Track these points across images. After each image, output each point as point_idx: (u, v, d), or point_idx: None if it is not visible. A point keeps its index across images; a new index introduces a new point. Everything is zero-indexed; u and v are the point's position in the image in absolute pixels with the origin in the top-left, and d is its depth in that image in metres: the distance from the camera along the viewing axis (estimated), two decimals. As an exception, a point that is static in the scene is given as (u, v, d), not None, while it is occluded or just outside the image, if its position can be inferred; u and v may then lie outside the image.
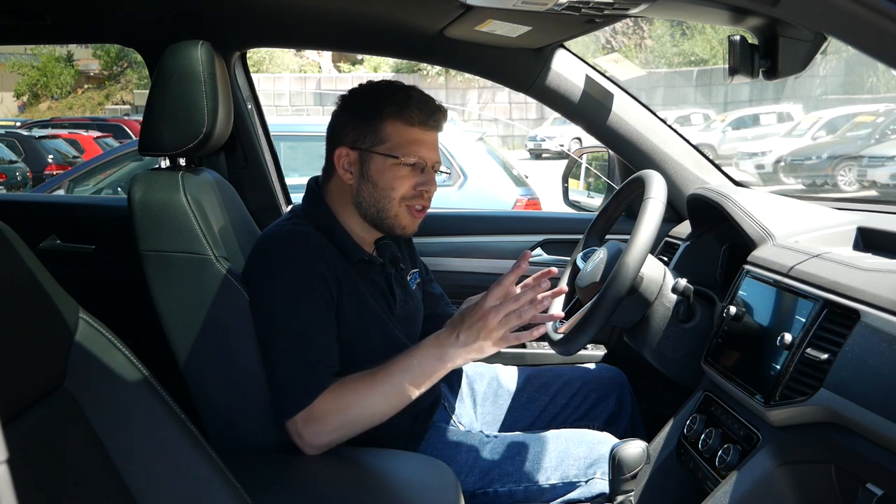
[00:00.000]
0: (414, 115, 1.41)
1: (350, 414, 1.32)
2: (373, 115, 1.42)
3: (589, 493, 1.44)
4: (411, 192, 1.43)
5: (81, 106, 29.47)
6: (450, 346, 1.30)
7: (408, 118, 1.41)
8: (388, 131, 1.41)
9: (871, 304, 1.08)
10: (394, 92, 1.43)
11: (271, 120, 2.34)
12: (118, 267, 1.95)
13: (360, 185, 1.44)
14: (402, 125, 1.41)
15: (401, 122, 1.41)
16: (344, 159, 1.44)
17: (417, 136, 1.42)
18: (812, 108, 17.59)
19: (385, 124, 1.41)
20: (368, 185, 1.43)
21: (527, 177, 5.40)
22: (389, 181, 1.42)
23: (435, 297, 1.70)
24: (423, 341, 1.35)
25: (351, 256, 1.43)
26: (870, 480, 1.03)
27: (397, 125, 1.41)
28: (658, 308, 1.55)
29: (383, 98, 1.43)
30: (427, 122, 1.42)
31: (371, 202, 1.44)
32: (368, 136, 1.42)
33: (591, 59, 1.95)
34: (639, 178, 1.59)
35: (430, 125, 1.43)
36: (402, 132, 1.41)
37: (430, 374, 1.32)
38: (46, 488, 0.85)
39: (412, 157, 1.41)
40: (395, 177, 1.41)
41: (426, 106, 1.42)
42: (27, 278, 0.90)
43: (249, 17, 1.94)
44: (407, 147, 1.41)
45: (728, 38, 1.15)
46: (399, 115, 1.41)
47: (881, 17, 0.75)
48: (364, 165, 1.43)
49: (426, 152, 1.43)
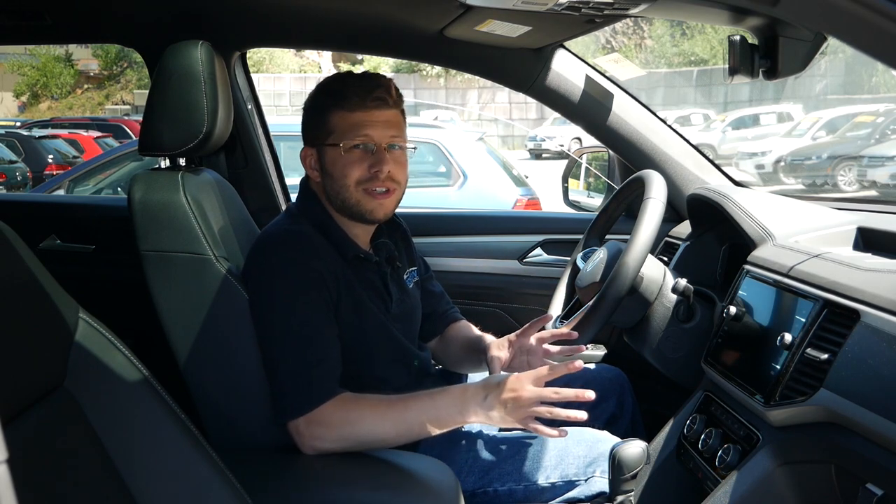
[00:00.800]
0: (350, 99, 1.42)
1: (355, 430, 1.32)
2: (318, 111, 1.46)
3: (588, 492, 1.44)
4: (366, 174, 1.43)
5: (81, 106, 29.47)
6: (475, 403, 1.29)
7: (345, 104, 1.43)
8: (332, 123, 1.43)
9: (871, 304, 1.08)
10: (331, 83, 1.46)
11: (271, 120, 2.34)
12: (118, 267, 1.95)
13: (324, 181, 1.47)
14: (343, 112, 1.43)
15: (340, 110, 1.43)
16: (309, 159, 1.48)
17: (359, 118, 1.42)
18: (812, 108, 17.59)
19: (329, 116, 1.44)
20: (329, 178, 1.45)
21: (527, 177, 5.40)
22: (341, 169, 1.43)
23: (435, 295, 1.70)
24: (449, 388, 1.35)
25: (346, 253, 1.44)
26: (870, 480, 1.03)
27: (338, 114, 1.43)
28: (658, 308, 1.55)
29: (323, 92, 1.46)
30: (366, 102, 1.42)
31: (334, 194, 1.45)
32: (318, 131, 1.45)
33: (591, 59, 1.95)
34: (639, 178, 1.59)
35: (371, 105, 1.43)
36: (344, 119, 1.43)
37: (444, 421, 1.32)
38: (46, 488, 0.85)
39: (354, 140, 1.42)
40: (345, 164, 1.43)
41: (360, 87, 1.43)
42: (27, 278, 0.90)
43: (249, 17, 1.94)
44: (349, 132, 1.42)
45: (728, 38, 1.15)
46: (337, 104, 1.43)
47: (881, 17, 0.75)
48: (321, 160, 1.46)
49: (372, 131, 1.43)
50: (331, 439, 1.32)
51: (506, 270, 2.14)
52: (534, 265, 2.14)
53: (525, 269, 2.13)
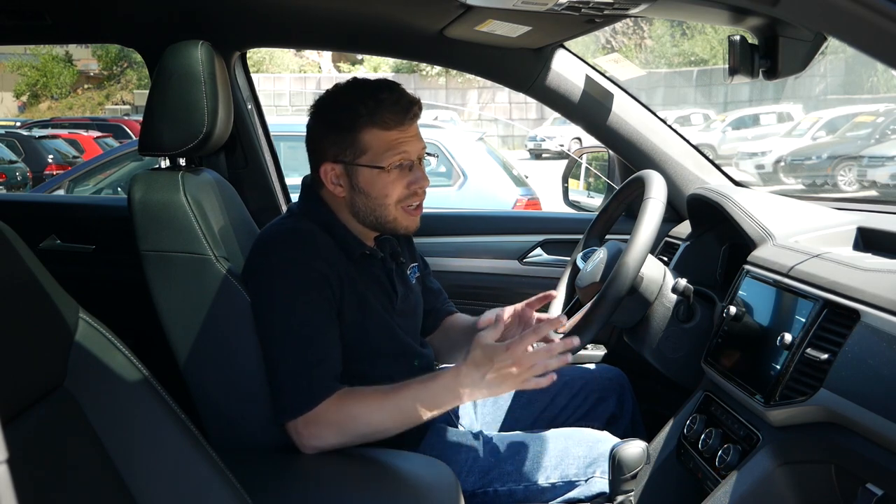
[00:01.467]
0: (388, 118, 1.37)
1: (353, 424, 1.32)
2: (348, 127, 1.38)
3: (588, 492, 1.44)
4: (405, 192, 1.41)
5: (81, 106, 29.47)
6: (471, 384, 1.27)
7: (383, 123, 1.37)
8: (366, 141, 1.38)
9: (871, 304, 1.08)
10: (363, 98, 1.38)
11: (271, 120, 2.34)
12: (118, 267, 1.95)
13: (352, 197, 1.42)
14: (380, 131, 1.38)
15: (377, 128, 1.37)
16: (331, 174, 1.42)
17: (396, 137, 1.39)
18: (812, 108, 17.58)
19: (362, 134, 1.38)
20: (361, 195, 1.41)
21: (527, 177, 5.40)
22: (380, 189, 1.40)
23: (433, 292, 1.70)
24: (441, 372, 1.34)
25: (352, 252, 1.43)
26: (870, 480, 1.03)
27: (374, 132, 1.37)
28: (658, 308, 1.55)
29: (354, 107, 1.38)
30: (403, 121, 1.39)
31: (367, 211, 1.42)
32: (348, 148, 1.39)
33: (591, 59, 1.95)
34: (639, 178, 1.59)
35: (407, 123, 1.40)
36: (380, 139, 1.38)
37: (440, 405, 1.31)
38: (46, 488, 0.85)
39: (397, 160, 1.39)
40: (385, 184, 1.39)
41: (398, 106, 1.38)
42: (27, 278, 0.90)
43: (249, 17, 1.94)
44: (389, 152, 1.38)
45: (728, 38, 1.15)
46: (374, 123, 1.37)
47: (881, 17, 0.75)
48: (352, 178, 1.41)
49: (409, 147, 1.40)
50: (330, 437, 1.32)
51: (506, 270, 2.14)
52: (534, 265, 2.14)
53: (525, 269, 2.13)
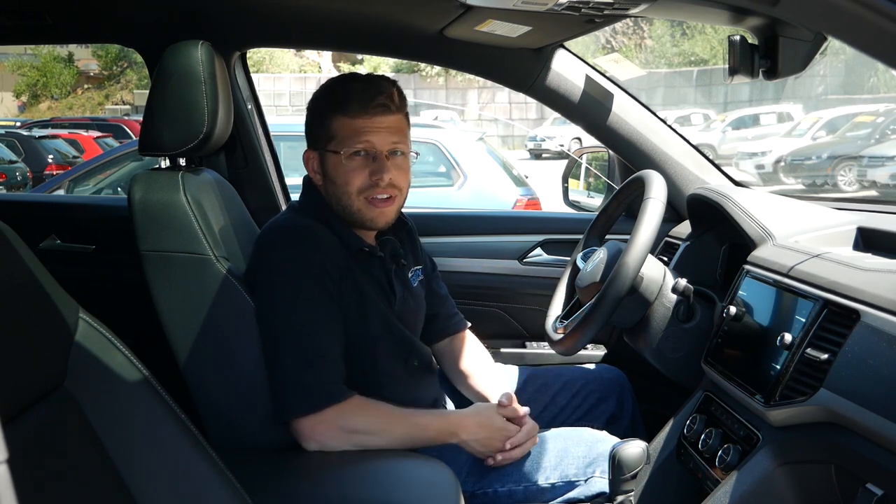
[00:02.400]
0: (352, 105, 1.41)
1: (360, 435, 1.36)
2: (320, 115, 1.45)
3: (588, 492, 1.44)
4: (367, 182, 1.43)
5: (81, 106, 29.46)
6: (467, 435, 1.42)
7: (347, 110, 1.41)
8: (334, 128, 1.43)
9: (871, 304, 1.08)
10: (335, 87, 1.45)
11: (271, 120, 2.34)
12: (118, 267, 1.95)
13: (325, 185, 1.47)
14: (345, 118, 1.42)
15: (342, 115, 1.42)
16: (311, 162, 1.48)
17: (361, 125, 1.41)
18: (812, 108, 17.58)
19: (331, 121, 1.43)
20: (330, 183, 1.45)
21: (527, 177, 5.40)
22: (343, 177, 1.43)
23: (440, 296, 1.70)
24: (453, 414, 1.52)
25: (351, 245, 1.44)
26: (870, 480, 1.03)
27: (340, 119, 1.42)
28: (658, 308, 1.55)
29: (326, 95, 1.45)
30: (368, 108, 1.41)
31: (335, 200, 1.46)
32: (321, 136, 1.45)
33: (591, 59, 1.95)
34: (639, 178, 1.59)
35: (373, 111, 1.41)
36: (346, 126, 1.42)
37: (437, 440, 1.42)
38: (46, 488, 0.85)
39: (355, 147, 1.41)
40: (346, 171, 1.43)
41: (364, 94, 1.41)
42: (27, 278, 0.90)
43: (249, 17, 1.94)
44: (351, 139, 1.42)
45: (728, 38, 1.15)
46: (340, 110, 1.42)
47: (881, 17, 0.75)
48: (324, 165, 1.46)
49: (374, 138, 1.42)
50: (335, 441, 1.34)
51: (506, 270, 2.14)
52: (534, 265, 2.14)
53: (525, 269, 2.13)
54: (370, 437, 1.36)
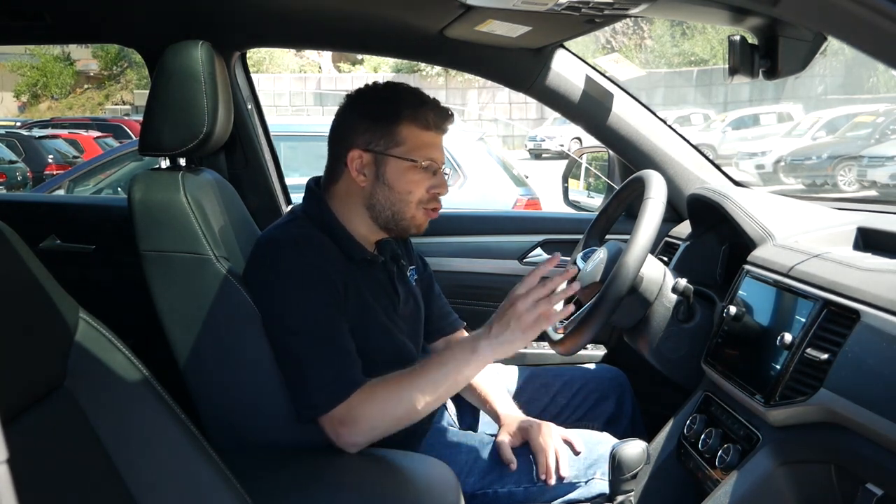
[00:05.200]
0: (430, 118, 1.42)
1: (386, 411, 1.32)
2: (389, 118, 1.41)
3: (588, 494, 1.44)
4: (426, 194, 1.44)
5: (81, 106, 29.45)
6: (482, 338, 1.31)
7: (424, 122, 1.42)
8: (404, 134, 1.41)
9: (871, 304, 1.08)
10: (409, 94, 1.45)
11: (271, 120, 2.34)
12: (118, 267, 1.95)
13: (374, 188, 1.43)
14: (418, 128, 1.42)
15: (416, 125, 1.41)
16: (357, 161, 1.42)
17: (431, 139, 1.44)
18: (812, 108, 17.58)
19: (401, 127, 1.41)
20: (384, 187, 1.42)
21: (527, 177, 5.39)
22: (406, 184, 1.42)
23: (433, 296, 1.70)
24: (453, 344, 1.44)
25: (353, 256, 1.43)
26: (870, 480, 1.03)
27: (413, 128, 1.41)
28: (658, 308, 1.55)
29: (399, 100, 1.43)
30: (441, 125, 1.44)
31: (387, 205, 1.43)
32: (384, 138, 1.41)
33: (591, 59, 1.94)
34: (639, 178, 1.59)
35: (443, 129, 1.45)
36: (417, 135, 1.42)
37: (463, 369, 1.32)
38: (46, 488, 0.85)
39: (427, 160, 1.43)
40: (412, 180, 1.42)
41: (440, 111, 1.44)
42: (27, 278, 0.90)
43: (249, 17, 1.94)
44: (422, 150, 1.42)
45: (728, 38, 1.15)
46: (415, 119, 1.41)
47: (881, 17, 0.75)
48: (379, 168, 1.42)
49: (438, 155, 1.45)
50: (364, 431, 1.31)
51: (506, 270, 2.14)
52: (534, 265, 2.14)
53: (525, 269, 2.13)
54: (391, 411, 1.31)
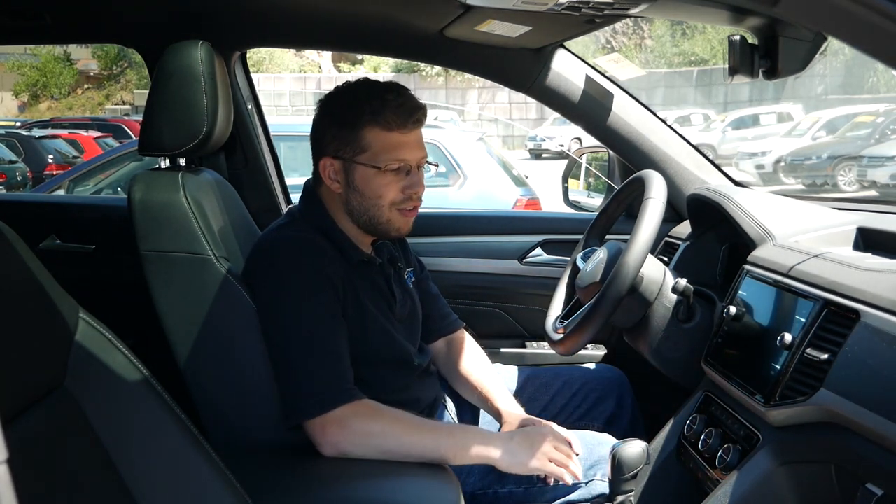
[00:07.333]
0: (391, 119, 1.37)
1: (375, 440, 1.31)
2: (351, 123, 1.38)
3: (589, 495, 1.44)
4: (399, 196, 1.41)
5: (81, 106, 29.44)
6: (500, 440, 1.33)
7: (385, 124, 1.37)
8: (367, 139, 1.38)
9: (871, 304, 1.08)
10: (369, 97, 1.39)
11: (271, 120, 2.34)
12: (118, 267, 1.95)
13: (348, 194, 1.42)
14: (381, 131, 1.38)
15: (379, 128, 1.37)
16: (329, 169, 1.42)
17: (397, 139, 1.39)
18: (812, 108, 17.58)
19: (364, 132, 1.38)
20: (356, 193, 1.41)
21: (527, 177, 5.40)
22: (375, 189, 1.40)
23: (431, 295, 1.70)
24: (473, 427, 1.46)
25: (351, 258, 1.43)
26: (870, 480, 1.03)
27: (376, 132, 1.38)
28: (658, 308, 1.55)
29: (359, 104, 1.39)
30: (406, 124, 1.39)
31: (361, 210, 1.42)
32: (349, 145, 1.39)
33: (591, 59, 1.94)
34: (639, 178, 1.59)
35: (410, 127, 1.40)
36: (381, 139, 1.38)
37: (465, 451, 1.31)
38: (46, 488, 0.85)
39: (395, 163, 1.39)
40: (381, 185, 1.39)
41: (402, 109, 1.38)
42: (27, 278, 0.90)
43: (249, 17, 1.94)
44: (388, 154, 1.38)
45: (728, 38, 1.15)
46: (376, 122, 1.37)
47: (881, 17, 0.75)
48: (349, 175, 1.41)
49: (408, 153, 1.40)
50: (351, 443, 1.30)
51: (506, 270, 2.14)
52: (534, 265, 2.14)
53: (525, 269, 2.13)
54: (385, 440, 1.30)
